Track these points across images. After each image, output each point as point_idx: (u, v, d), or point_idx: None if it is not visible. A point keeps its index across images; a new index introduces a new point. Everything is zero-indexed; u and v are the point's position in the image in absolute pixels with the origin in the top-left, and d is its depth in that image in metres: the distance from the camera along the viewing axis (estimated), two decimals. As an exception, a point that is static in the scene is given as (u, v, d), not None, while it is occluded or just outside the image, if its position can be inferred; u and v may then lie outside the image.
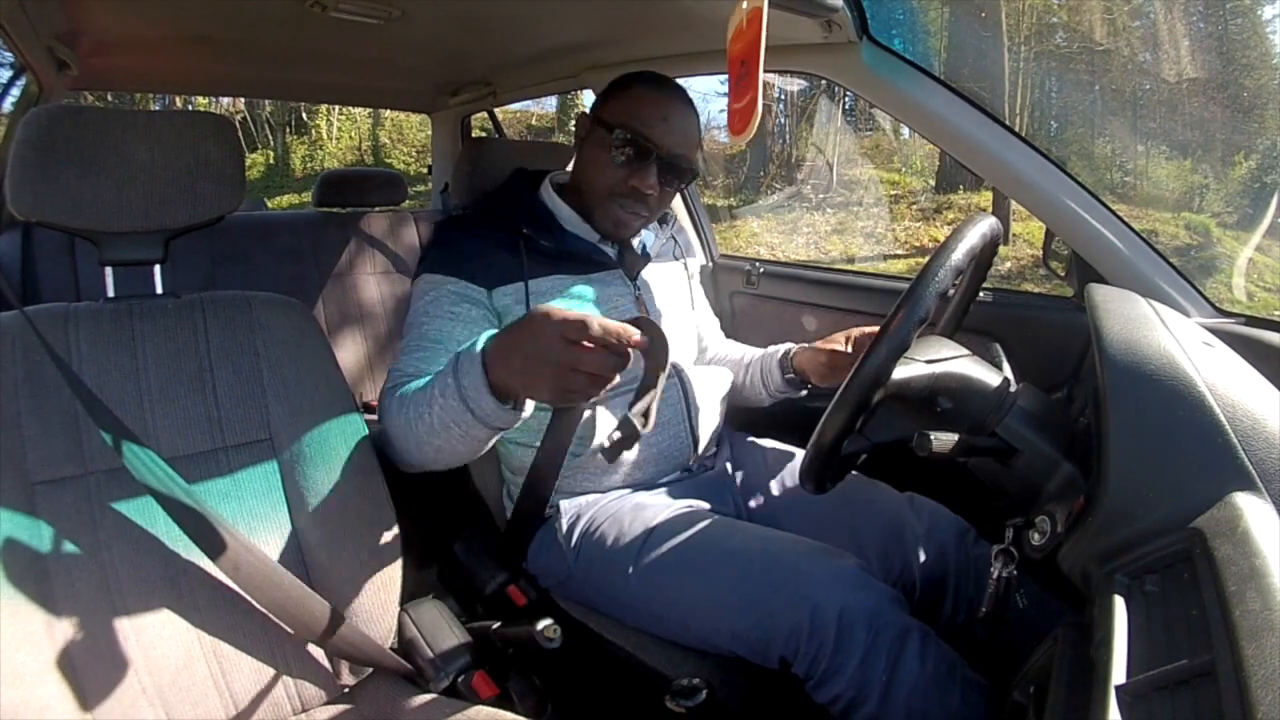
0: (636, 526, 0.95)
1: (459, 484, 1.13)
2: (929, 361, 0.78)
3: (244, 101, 11.58)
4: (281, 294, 0.87)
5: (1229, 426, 0.57)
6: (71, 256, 1.59)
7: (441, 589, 1.04)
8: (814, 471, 0.78)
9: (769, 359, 1.17)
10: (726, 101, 0.69)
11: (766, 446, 1.18)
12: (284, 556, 0.78)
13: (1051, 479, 0.72)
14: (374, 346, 1.97)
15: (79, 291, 1.57)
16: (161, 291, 0.83)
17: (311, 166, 12.33)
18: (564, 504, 1.02)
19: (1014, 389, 0.78)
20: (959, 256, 0.72)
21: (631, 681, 0.90)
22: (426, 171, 2.86)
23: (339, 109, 12.37)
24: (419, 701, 0.78)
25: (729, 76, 0.68)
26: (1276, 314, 0.99)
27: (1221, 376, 0.61)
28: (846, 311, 1.43)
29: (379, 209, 2.06)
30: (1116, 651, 0.47)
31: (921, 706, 0.76)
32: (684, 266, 1.21)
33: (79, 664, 0.67)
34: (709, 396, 1.11)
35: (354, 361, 1.92)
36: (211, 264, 1.74)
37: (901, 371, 0.75)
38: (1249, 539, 0.49)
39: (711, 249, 1.78)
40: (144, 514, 0.73)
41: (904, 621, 0.79)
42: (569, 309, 0.98)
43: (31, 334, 0.71)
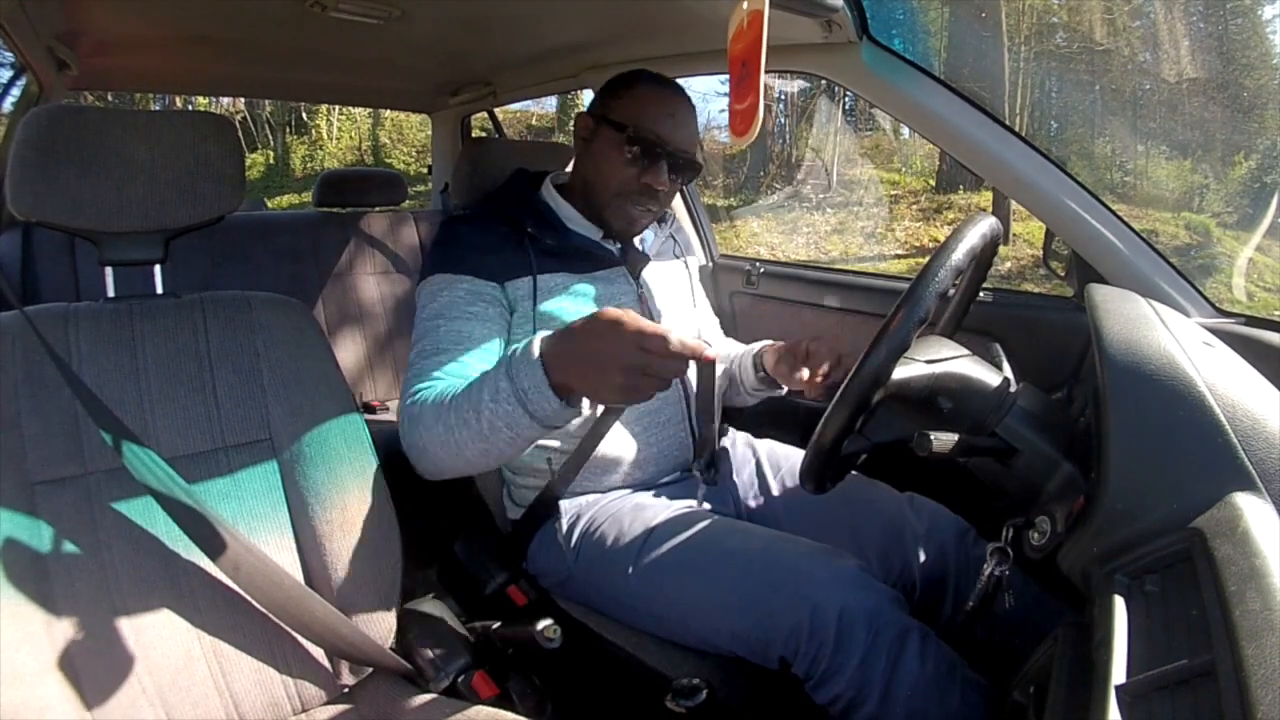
0: (636, 526, 0.95)
1: (459, 484, 1.13)
2: (929, 361, 0.78)
3: (244, 101, 11.57)
4: (281, 294, 0.87)
5: (1229, 426, 0.57)
6: (71, 256, 1.59)
7: (441, 589, 1.04)
8: (814, 471, 0.78)
9: (745, 357, 1.17)
10: (727, 102, 0.69)
11: (766, 446, 1.18)
12: (284, 556, 0.79)
13: (1051, 479, 0.72)
14: (374, 346, 1.97)
15: (79, 291, 1.57)
16: (161, 291, 0.83)
17: (311, 166, 12.32)
18: (564, 504, 1.02)
19: (1014, 389, 0.77)
20: (959, 256, 0.72)
21: (631, 681, 0.90)
22: (426, 171, 2.86)
23: (339, 109, 12.36)
24: (419, 701, 0.78)
25: (730, 78, 0.69)
26: (1276, 314, 0.99)
27: (1221, 376, 0.61)
28: (846, 311, 1.42)
29: (379, 209, 2.07)
30: (1116, 651, 0.47)
31: (921, 707, 0.76)
32: (685, 265, 1.21)
33: (79, 664, 0.67)
34: (709, 396, 1.10)
35: (354, 361, 1.93)
36: (211, 264, 1.74)
37: (901, 371, 0.75)
38: (1249, 539, 0.49)
39: (711, 249, 1.78)
40: (144, 514, 0.73)
41: (904, 622, 0.79)
42: (575, 306, 0.98)
43: (31, 334, 0.71)
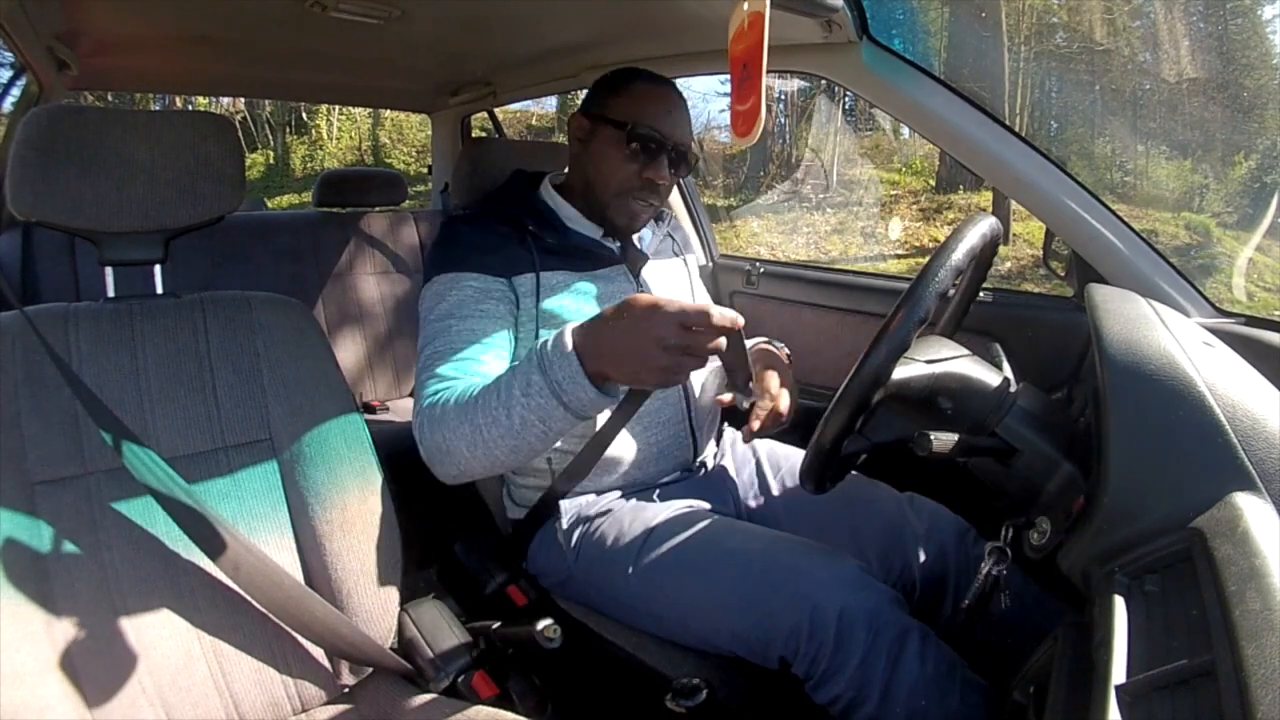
0: (636, 526, 0.95)
1: (459, 484, 1.13)
2: (929, 361, 0.78)
3: (244, 101, 11.55)
4: (281, 294, 0.87)
5: (1229, 426, 0.57)
6: (71, 256, 1.59)
7: (441, 589, 1.04)
8: (814, 472, 0.78)
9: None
10: (727, 102, 0.69)
11: (766, 446, 1.18)
12: (284, 556, 0.79)
13: (1051, 479, 0.72)
14: (374, 346, 1.97)
15: (79, 291, 1.57)
16: (161, 291, 0.83)
17: (311, 166, 12.31)
18: (564, 504, 1.02)
19: (1014, 389, 0.78)
20: (959, 256, 0.72)
21: (631, 681, 0.90)
22: (426, 171, 2.85)
23: (339, 109, 12.34)
24: (419, 701, 0.78)
25: (731, 79, 0.69)
26: (1276, 314, 0.99)
27: (1221, 376, 0.61)
28: (846, 311, 1.42)
29: (379, 209, 2.07)
30: (1116, 651, 0.47)
31: (921, 707, 0.76)
32: (684, 263, 1.21)
33: (79, 664, 0.67)
34: (709, 396, 1.11)
35: (354, 361, 1.93)
36: (211, 264, 1.74)
37: (901, 371, 0.75)
38: (1249, 539, 0.49)
39: (711, 249, 1.78)
40: (144, 514, 0.73)
41: (904, 622, 0.79)
42: (577, 304, 0.97)
43: (31, 334, 0.71)
